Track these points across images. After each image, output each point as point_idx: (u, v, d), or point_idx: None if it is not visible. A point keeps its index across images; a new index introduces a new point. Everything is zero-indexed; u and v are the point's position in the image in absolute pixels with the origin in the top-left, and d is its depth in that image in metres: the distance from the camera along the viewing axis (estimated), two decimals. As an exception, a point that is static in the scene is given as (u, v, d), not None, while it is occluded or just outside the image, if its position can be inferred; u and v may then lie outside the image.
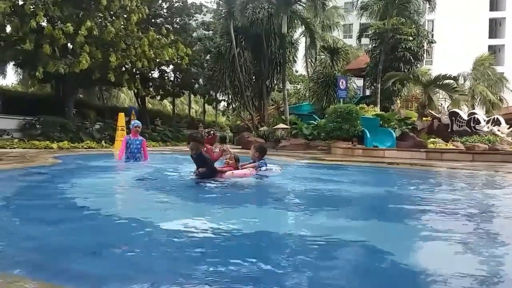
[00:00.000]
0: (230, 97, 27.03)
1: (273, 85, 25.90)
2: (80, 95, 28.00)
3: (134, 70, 22.60)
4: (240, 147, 18.78)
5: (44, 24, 16.64)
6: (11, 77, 34.33)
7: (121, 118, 15.40)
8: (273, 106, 27.29)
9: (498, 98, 34.35)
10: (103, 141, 17.80)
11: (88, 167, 8.35)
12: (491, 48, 43.12)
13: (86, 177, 6.26)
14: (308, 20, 22.71)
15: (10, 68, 28.47)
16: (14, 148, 13.42)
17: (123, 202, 4.17)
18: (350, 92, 22.97)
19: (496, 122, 17.16)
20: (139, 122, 8.72)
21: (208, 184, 5.03)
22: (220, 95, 30.37)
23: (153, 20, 25.08)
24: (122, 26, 18.49)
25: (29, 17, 15.33)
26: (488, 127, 16.83)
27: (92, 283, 1.73)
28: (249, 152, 6.25)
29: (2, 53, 17.06)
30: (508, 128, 17.43)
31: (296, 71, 32.85)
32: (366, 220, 3.37)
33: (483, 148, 13.94)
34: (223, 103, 34.19)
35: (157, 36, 20.09)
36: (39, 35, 16.01)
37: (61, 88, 22.55)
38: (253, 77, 24.97)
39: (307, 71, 30.08)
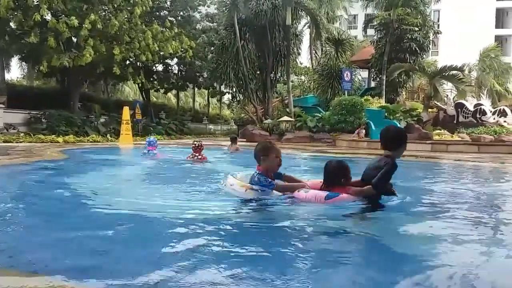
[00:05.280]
0: (234, 89, 27.02)
1: (277, 77, 25.82)
2: (86, 89, 28.10)
3: (138, 63, 22.62)
4: (245, 140, 18.79)
5: (48, 17, 16.67)
6: (15, 72, 34.59)
7: (126, 111, 15.49)
8: (278, 99, 27.24)
9: (505, 89, 34.03)
10: (108, 135, 17.89)
11: (94, 161, 8.41)
12: (498, 38, 42.52)
13: (93, 170, 6.31)
14: (313, 11, 22.54)
15: (14, 62, 28.64)
16: (20, 142, 13.51)
17: (130, 196, 4.20)
18: (355, 84, 22.87)
19: (502, 113, 17.04)
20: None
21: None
22: (224, 88, 30.36)
23: (156, 13, 25.05)
24: (125, 19, 18.46)
25: (33, 10, 15.37)
26: (494, 118, 16.72)
27: (98, 278, 1.75)
28: (255, 144, 3.77)
29: (7, 47, 17.12)
30: (515, 119, 17.30)
31: (301, 63, 32.69)
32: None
33: (489, 139, 13.86)
34: (227, 96, 34.20)
35: (161, 29, 20.06)
36: (44, 29, 16.05)
37: (66, 82, 22.66)
38: (257, 70, 24.90)
39: (312, 63, 29.93)
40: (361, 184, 3.37)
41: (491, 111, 17.26)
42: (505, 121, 16.63)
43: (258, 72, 24.94)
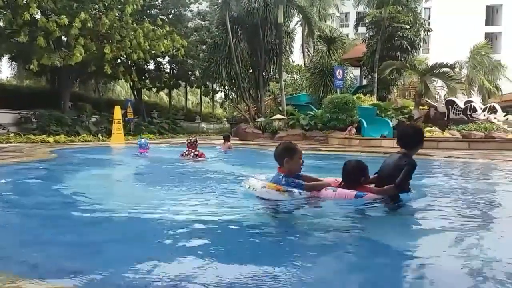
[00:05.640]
0: (226, 88, 26.94)
1: (269, 75, 25.79)
2: (76, 88, 27.86)
3: (129, 62, 22.47)
4: (238, 138, 18.77)
5: (38, 16, 16.48)
6: (5, 71, 34.12)
7: (117, 111, 15.39)
8: (270, 97, 27.24)
9: (494, 86, 34.37)
10: (99, 134, 17.76)
11: (85, 161, 8.34)
12: (488, 35, 42.95)
13: (84, 171, 6.26)
14: (305, 8, 22.54)
15: (4, 61, 28.27)
16: (10, 142, 13.36)
17: (120, 196, 4.17)
18: (347, 82, 22.93)
19: (493, 110, 17.19)
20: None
21: None
22: (216, 86, 30.26)
23: (148, 11, 24.88)
24: (116, 17, 18.31)
25: (22, 9, 15.19)
26: (484, 115, 16.85)
27: (89, 280, 1.73)
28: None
29: (-4, 46, 16.91)
30: (504, 116, 17.49)
31: (293, 61, 32.70)
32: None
33: (480, 136, 14.00)
34: (219, 95, 34.10)
35: (152, 28, 19.93)
36: (33, 28, 15.86)
37: (56, 81, 22.44)
38: (250, 68, 24.86)
39: (304, 61, 29.95)
40: (377, 181, 3.51)
41: (481, 108, 17.40)
42: (495, 118, 16.77)
43: (251, 71, 24.90)
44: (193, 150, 7.41)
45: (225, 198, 3.71)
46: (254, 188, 3.52)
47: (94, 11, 18.33)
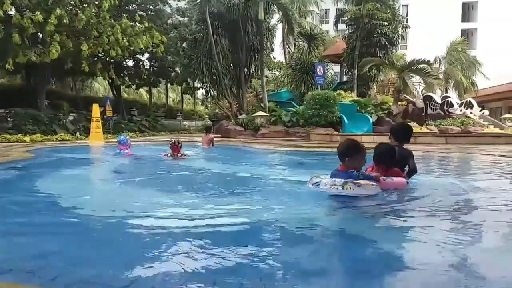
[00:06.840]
0: (208, 85, 26.79)
1: (251, 72, 25.75)
2: (53, 86, 27.19)
3: (107, 59, 22.01)
4: (220, 135, 18.69)
5: (12, 12, 15.98)
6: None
7: (96, 108, 15.13)
8: (252, 94, 27.21)
9: (471, 82, 35.18)
10: (77, 133, 17.39)
11: (62, 160, 8.16)
12: (463, 32, 43.88)
13: (60, 170, 6.12)
14: (285, 5, 22.56)
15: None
16: (-15, 142, 12.96)
17: (99, 197, 4.09)
18: (327, 78, 23.11)
19: (469, 105, 17.65)
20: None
21: None
22: (197, 83, 30.02)
23: (125, 7, 24.40)
24: (93, 13, 17.90)
25: (-4, 6, 14.71)
26: (461, 110, 17.29)
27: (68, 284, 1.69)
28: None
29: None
30: (480, 111, 17.99)
31: (274, 58, 32.73)
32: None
33: (456, 130, 14.37)
34: (201, 91, 33.86)
35: (131, 24, 19.55)
36: (7, 24, 15.38)
37: (32, 79, 21.84)
38: (231, 65, 24.76)
39: (285, 58, 30.03)
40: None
41: (458, 103, 17.84)
42: (471, 113, 17.24)
43: (232, 67, 24.81)
44: (176, 153, 7.29)
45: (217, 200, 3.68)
46: (350, 187, 3.36)
47: (70, 7, 17.86)
